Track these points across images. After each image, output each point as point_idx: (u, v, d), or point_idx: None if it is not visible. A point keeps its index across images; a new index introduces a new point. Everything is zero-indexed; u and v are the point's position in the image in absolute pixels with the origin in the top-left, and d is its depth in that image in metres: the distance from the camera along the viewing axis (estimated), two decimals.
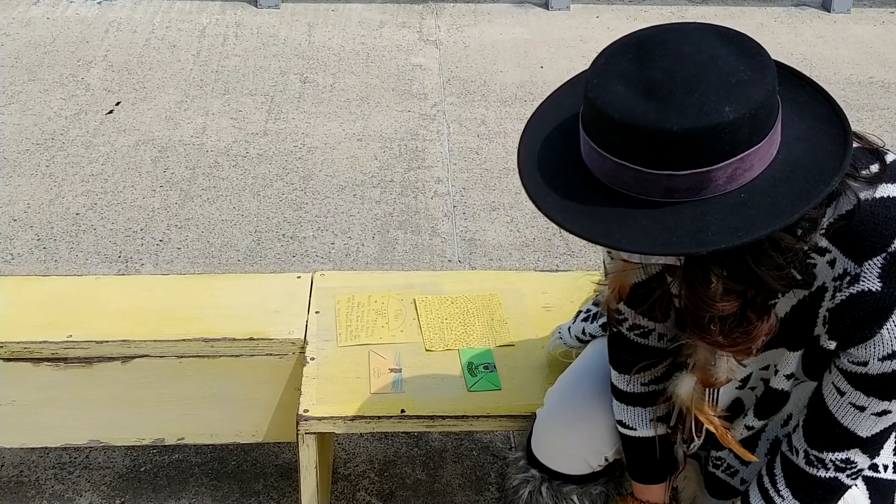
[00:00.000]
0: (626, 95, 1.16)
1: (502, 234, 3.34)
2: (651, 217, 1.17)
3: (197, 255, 3.20)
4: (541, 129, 1.34)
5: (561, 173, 1.26)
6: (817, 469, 1.42)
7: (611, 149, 1.18)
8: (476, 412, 1.88)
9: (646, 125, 1.13)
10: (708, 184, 1.16)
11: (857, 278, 1.26)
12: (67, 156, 3.75)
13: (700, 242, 1.14)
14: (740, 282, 1.24)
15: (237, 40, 4.83)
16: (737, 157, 1.15)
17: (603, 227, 1.18)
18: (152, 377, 2.05)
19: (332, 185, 3.60)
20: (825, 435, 1.40)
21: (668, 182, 1.16)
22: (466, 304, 2.16)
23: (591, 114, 1.19)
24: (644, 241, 1.16)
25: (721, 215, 1.16)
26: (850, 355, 1.31)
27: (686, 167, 1.14)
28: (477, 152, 3.86)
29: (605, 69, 1.21)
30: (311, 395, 1.90)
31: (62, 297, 2.14)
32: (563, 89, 1.38)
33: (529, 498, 1.78)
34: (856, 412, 1.36)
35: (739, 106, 1.13)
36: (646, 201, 1.18)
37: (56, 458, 2.37)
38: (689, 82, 1.14)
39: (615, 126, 1.16)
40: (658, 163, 1.15)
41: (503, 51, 4.82)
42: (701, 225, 1.15)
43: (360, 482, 2.34)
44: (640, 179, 1.17)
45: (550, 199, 1.24)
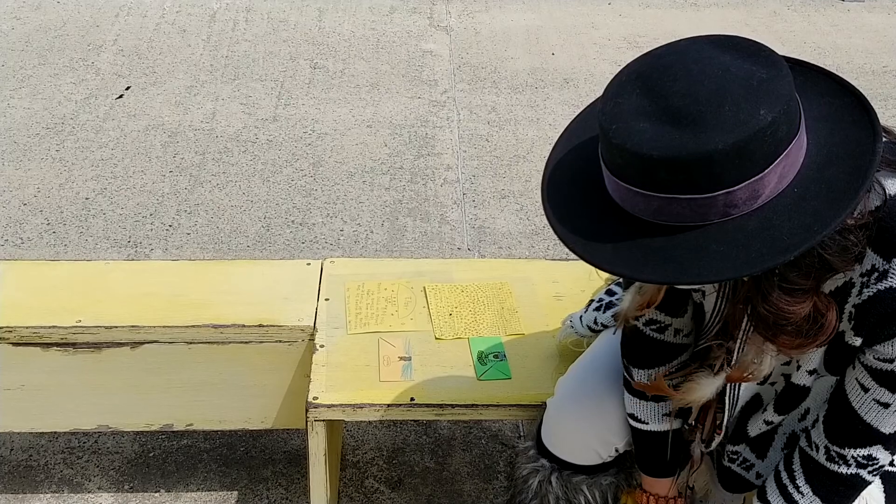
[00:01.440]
0: (656, 130, 1.13)
1: (512, 222, 3.33)
2: (718, 240, 1.14)
3: (206, 240, 3.19)
4: (559, 187, 1.30)
5: (607, 219, 1.22)
6: (838, 465, 1.41)
7: (656, 187, 1.14)
8: (485, 401, 1.87)
9: (690, 153, 1.10)
10: (763, 189, 1.14)
11: (886, 275, 1.24)
12: (77, 140, 3.75)
13: (782, 250, 1.12)
14: (811, 277, 1.22)
15: (247, 25, 4.81)
16: (782, 155, 1.13)
17: (675, 266, 1.15)
18: (161, 363, 2.05)
19: (341, 172, 3.59)
20: (847, 431, 1.39)
21: (726, 199, 1.13)
22: (476, 293, 2.15)
23: (625, 158, 1.16)
24: (725, 267, 1.13)
25: (787, 216, 1.14)
26: (876, 352, 1.30)
27: (739, 181, 1.12)
28: (487, 139, 3.85)
29: (618, 112, 1.17)
30: (321, 382, 1.90)
31: (71, 283, 2.13)
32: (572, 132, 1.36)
33: (539, 488, 1.77)
34: (879, 409, 1.35)
35: (772, 105, 1.11)
36: (702, 227, 1.15)
37: (65, 442, 2.38)
38: (714, 98, 1.12)
39: (656, 164, 1.12)
40: (711, 185, 1.12)
41: (514, 37, 4.80)
42: (772, 232, 1.13)
43: (368, 469, 2.33)
44: (696, 207, 1.14)
45: (604, 254, 1.20)
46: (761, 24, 5.05)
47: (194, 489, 2.27)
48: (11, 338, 2.00)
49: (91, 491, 2.25)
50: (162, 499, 2.24)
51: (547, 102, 4.15)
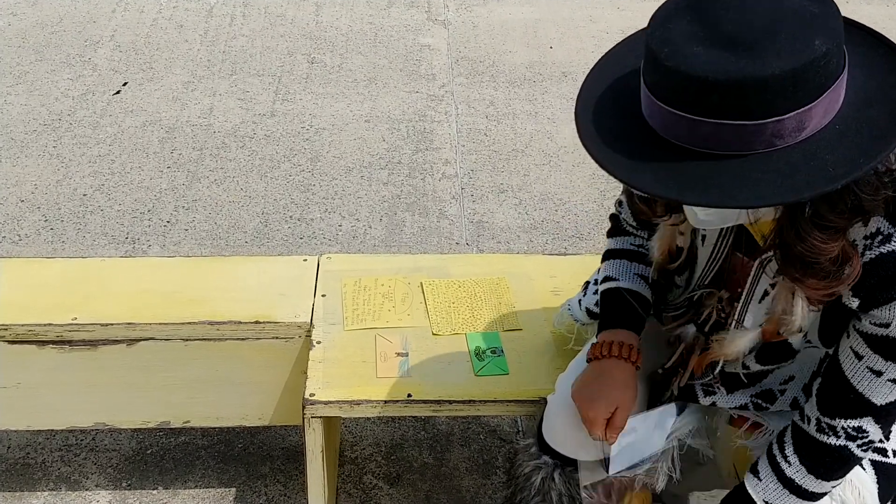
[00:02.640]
0: (710, 54, 1.14)
1: (510, 217, 3.32)
2: (762, 169, 1.16)
3: (204, 236, 3.19)
4: (594, 117, 1.32)
5: (656, 148, 1.23)
6: (828, 436, 1.42)
7: (707, 112, 1.15)
8: (483, 397, 1.87)
9: (747, 77, 1.12)
10: (808, 122, 1.16)
11: (890, 238, 1.26)
12: (74, 136, 3.74)
13: (829, 179, 1.14)
14: (842, 215, 1.23)
15: (245, 20, 4.80)
16: (830, 89, 1.16)
17: (719, 191, 1.16)
18: (158, 360, 2.04)
19: (339, 167, 3.58)
20: (839, 401, 1.39)
21: (774, 128, 1.15)
22: (474, 288, 2.14)
23: (676, 81, 1.16)
24: (771, 193, 1.15)
25: (830, 149, 1.16)
26: (872, 317, 1.31)
27: (790, 109, 1.14)
28: (485, 134, 3.83)
29: (669, 36, 1.18)
30: (318, 378, 1.89)
31: (67, 280, 2.13)
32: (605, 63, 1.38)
33: (542, 485, 1.76)
34: (872, 377, 1.35)
35: (826, 37, 1.13)
36: (746, 156, 1.17)
37: (62, 440, 2.37)
38: (770, 27, 1.14)
39: (710, 87, 1.13)
40: (762, 112, 1.14)
41: (512, 31, 4.78)
42: (817, 163, 1.15)
43: (366, 465, 2.33)
44: (743, 134, 1.15)
45: (644, 177, 1.21)
46: None
47: (192, 486, 2.26)
48: (7, 336, 1.99)
49: (89, 489, 2.25)
50: (160, 496, 2.23)
51: (545, 96, 4.14)
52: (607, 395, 1.56)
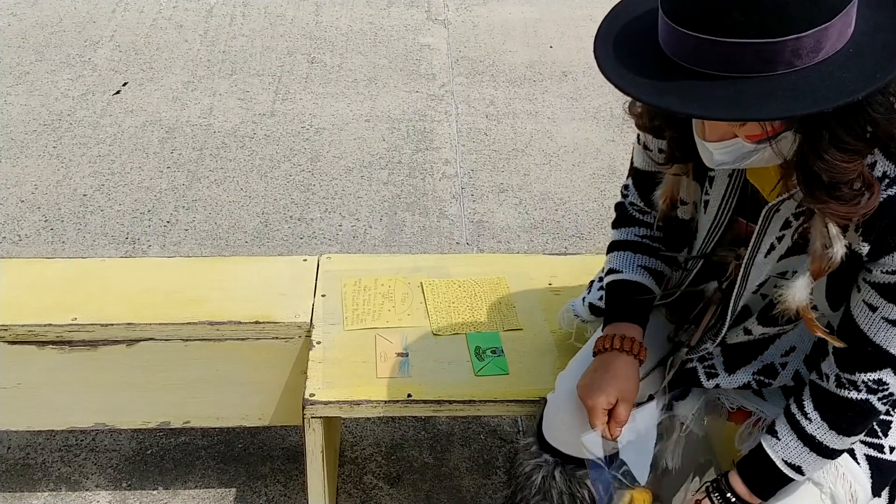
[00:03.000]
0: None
1: (511, 216, 3.32)
2: (783, 87, 1.18)
3: (204, 236, 3.18)
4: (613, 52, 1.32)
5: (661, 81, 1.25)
6: (848, 391, 1.42)
7: (727, 31, 1.17)
8: (483, 397, 1.86)
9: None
10: (825, 42, 1.18)
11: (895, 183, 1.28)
12: (75, 137, 3.74)
13: (849, 92, 1.16)
14: (858, 137, 1.24)
15: (244, 20, 4.79)
16: (844, 11, 1.18)
17: (743, 108, 1.18)
18: (158, 360, 2.04)
19: (339, 167, 3.58)
20: (857, 355, 1.40)
21: (793, 46, 1.17)
22: (474, 288, 2.14)
23: (696, 3, 1.18)
24: (794, 106, 1.17)
25: (846, 68, 1.19)
26: (882, 265, 1.33)
27: (809, 27, 1.16)
28: (486, 133, 3.83)
29: None
30: (318, 379, 1.89)
31: (67, 280, 2.12)
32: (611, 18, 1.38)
33: (542, 483, 1.76)
34: (888, 327, 1.37)
35: None
36: (766, 76, 1.19)
37: (62, 440, 2.37)
38: None
39: (732, 5, 1.15)
40: (781, 29, 1.16)
41: (512, 30, 4.78)
42: (835, 81, 1.17)
43: (367, 465, 2.33)
44: (763, 53, 1.17)
45: (671, 99, 1.23)
46: None
47: (192, 486, 2.26)
48: (7, 336, 1.99)
49: (89, 489, 2.24)
50: (160, 496, 2.23)
51: (545, 96, 4.13)
52: (609, 386, 1.57)
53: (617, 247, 1.72)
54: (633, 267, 1.68)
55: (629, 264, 1.68)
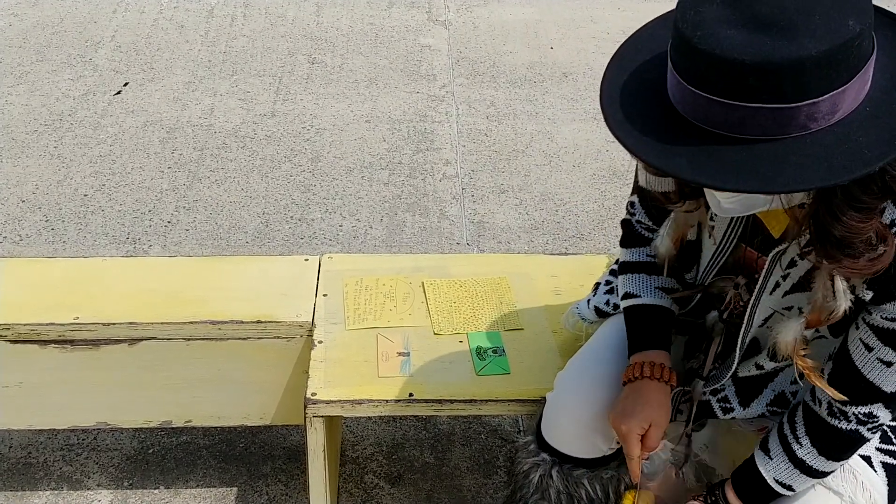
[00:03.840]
0: (745, 37, 1.13)
1: (511, 217, 3.32)
2: (797, 153, 1.15)
3: (205, 236, 3.19)
4: (621, 106, 1.29)
5: (684, 135, 1.21)
6: (839, 420, 1.43)
7: (742, 95, 1.14)
8: (485, 396, 1.87)
9: (783, 58, 1.11)
10: (842, 104, 1.15)
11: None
12: (75, 137, 3.74)
13: (865, 161, 1.14)
14: (874, 196, 1.22)
15: (245, 21, 4.80)
16: (863, 70, 1.16)
17: (756, 177, 1.15)
18: (159, 360, 2.05)
19: (340, 167, 3.58)
20: (850, 389, 1.40)
21: (809, 111, 1.14)
22: (475, 288, 2.14)
23: (711, 65, 1.15)
24: (809, 177, 1.14)
25: (863, 131, 1.16)
26: (884, 311, 1.32)
27: (825, 91, 1.14)
28: (486, 134, 3.84)
29: (701, 20, 1.17)
30: (319, 378, 1.89)
31: (69, 279, 2.13)
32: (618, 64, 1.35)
33: (540, 482, 1.77)
34: (882, 367, 1.37)
35: (860, 17, 1.13)
36: (780, 140, 1.16)
37: (64, 439, 2.37)
38: (803, 8, 1.13)
39: (747, 69, 1.12)
40: (797, 94, 1.13)
41: (513, 31, 4.79)
42: (851, 146, 1.15)
43: (368, 465, 2.33)
44: (778, 118, 1.15)
45: (680, 164, 1.19)
46: None
47: (193, 486, 2.26)
48: (9, 335, 2.00)
49: (90, 488, 2.25)
50: (161, 495, 2.24)
51: (546, 97, 4.14)
52: (641, 412, 1.57)
53: (630, 269, 1.69)
54: (650, 290, 1.65)
55: (646, 288, 1.65)
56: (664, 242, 1.60)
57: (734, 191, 1.19)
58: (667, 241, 1.59)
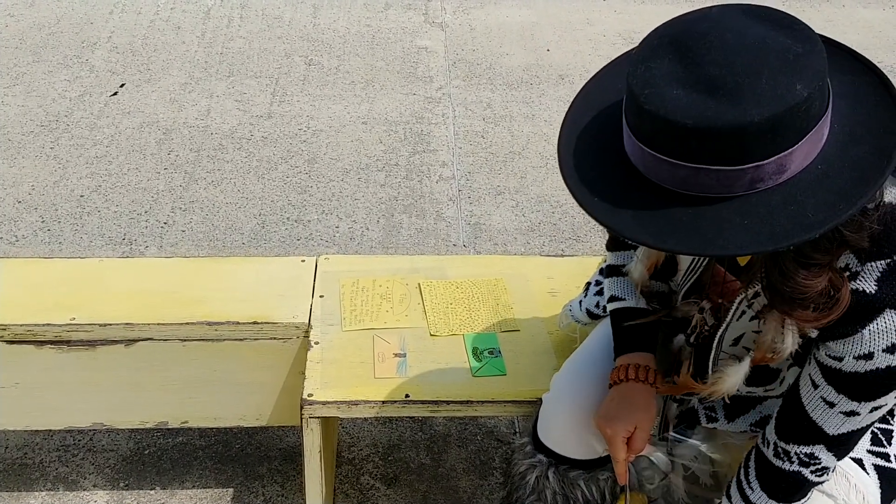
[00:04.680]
0: (690, 98, 1.11)
1: (507, 219, 3.32)
2: (742, 213, 1.14)
3: (201, 237, 3.19)
4: (577, 152, 1.28)
5: (632, 189, 1.20)
6: (783, 461, 1.43)
7: (686, 156, 1.13)
8: (481, 397, 1.87)
9: (725, 124, 1.09)
10: (789, 165, 1.13)
11: (856, 276, 1.25)
12: (72, 138, 3.74)
13: (807, 227, 1.12)
14: (826, 252, 1.21)
15: (242, 22, 4.80)
16: (812, 131, 1.13)
17: (699, 237, 1.14)
18: (156, 360, 2.05)
19: (336, 169, 3.59)
20: (794, 427, 1.40)
21: (754, 173, 1.12)
22: (472, 289, 2.15)
23: (655, 125, 1.14)
24: (750, 241, 1.12)
25: (811, 192, 1.14)
26: (829, 348, 1.31)
27: (769, 155, 1.11)
28: (482, 136, 3.84)
29: (650, 77, 1.16)
30: (316, 379, 1.90)
31: (66, 280, 2.13)
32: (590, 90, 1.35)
33: (536, 483, 1.77)
34: (825, 407, 1.36)
35: (808, 80, 1.11)
36: (727, 198, 1.15)
37: (60, 440, 2.37)
38: (752, 69, 1.10)
39: (689, 132, 1.11)
40: (741, 158, 1.11)
41: (509, 33, 4.79)
42: (797, 208, 1.13)
43: (364, 466, 2.33)
44: (723, 179, 1.13)
45: (625, 221, 1.19)
46: None
47: (189, 486, 2.26)
48: (6, 335, 1.99)
49: (86, 489, 2.25)
50: (157, 496, 2.24)
51: (542, 99, 4.15)
52: (626, 415, 1.58)
53: (615, 272, 1.69)
54: (634, 293, 1.65)
55: (631, 291, 1.66)
56: (637, 268, 1.60)
57: (672, 251, 1.20)
58: (640, 268, 1.59)
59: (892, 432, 1.54)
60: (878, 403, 1.33)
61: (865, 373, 1.29)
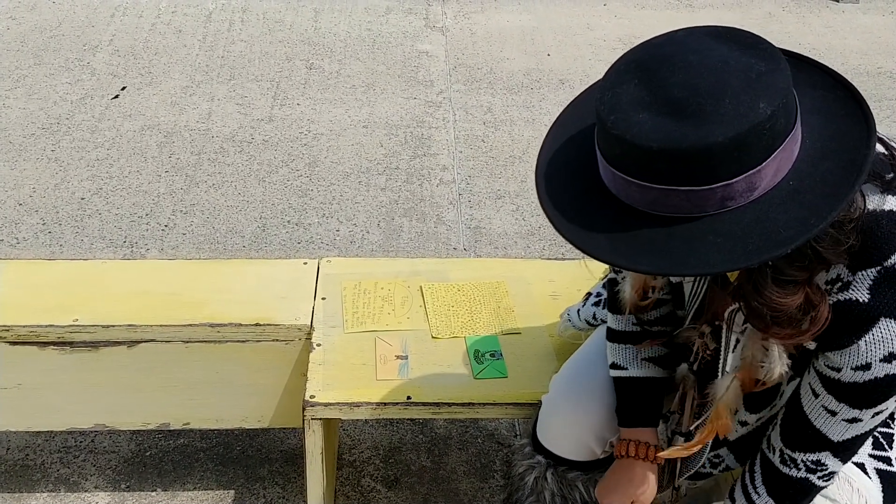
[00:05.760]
0: (655, 122, 1.13)
1: (508, 223, 3.33)
2: (715, 232, 1.14)
3: (202, 240, 3.19)
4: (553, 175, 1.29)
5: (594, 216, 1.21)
6: (790, 468, 1.43)
7: (654, 178, 1.14)
8: (482, 399, 1.88)
9: (690, 145, 1.10)
10: (760, 182, 1.14)
11: (848, 286, 1.25)
12: (73, 140, 3.74)
13: (778, 243, 1.12)
14: (804, 269, 1.22)
15: (243, 26, 4.81)
16: (779, 148, 1.14)
17: (671, 258, 1.15)
18: (158, 362, 2.05)
19: (337, 172, 3.59)
20: (799, 435, 1.41)
21: (724, 192, 1.13)
22: (473, 292, 2.15)
23: (623, 149, 1.15)
24: (722, 259, 1.13)
25: (782, 208, 1.14)
26: (827, 359, 1.32)
27: (737, 174, 1.12)
28: (483, 140, 3.85)
29: (616, 102, 1.17)
30: (318, 381, 1.90)
31: (68, 281, 2.13)
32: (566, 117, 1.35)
33: (535, 484, 1.78)
34: (827, 415, 1.36)
35: (771, 98, 1.11)
36: (698, 217, 1.15)
37: (62, 442, 2.37)
38: (714, 90, 1.11)
39: (655, 155, 1.12)
40: (709, 178, 1.12)
41: (510, 38, 4.80)
42: (768, 225, 1.13)
43: (364, 468, 2.34)
44: (693, 199, 1.14)
45: (599, 243, 1.20)
46: (756, 26, 5.06)
47: (191, 488, 2.27)
48: (8, 336, 2.00)
49: (88, 490, 2.25)
50: (158, 498, 2.24)
51: (542, 103, 4.16)
52: (625, 490, 1.63)
53: (616, 338, 1.67)
54: (636, 362, 1.65)
55: (632, 360, 1.65)
56: (625, 288, 1.58)
57: (646, 272, 1.19)
58: (628, 288, 1.57)
59: (893, 436, 1.54)
60: (879, 409, 1.33)
61: (864, 382, 1.29)
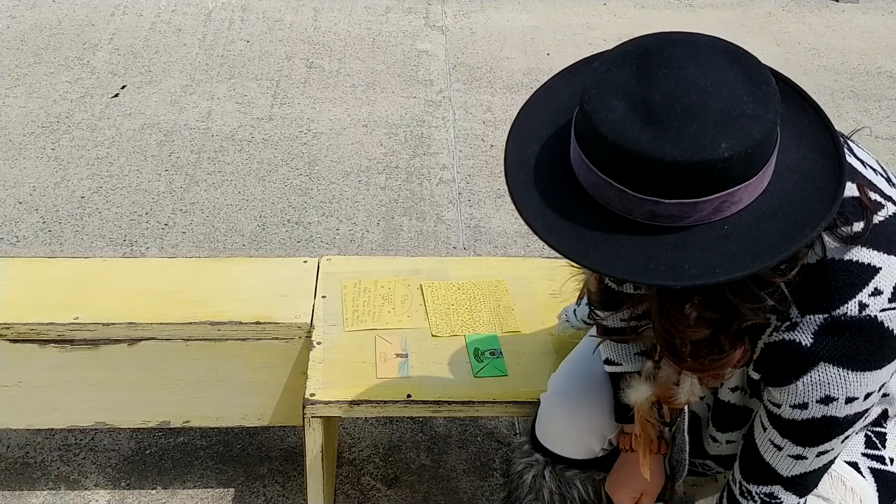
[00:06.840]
0: (623, 114, 1.11)
1: (507, 222, 3.33)
2: (632, 239, 1.13)
3: (202, 239, 3.20)
4: (533, 123, 1.27)
5: (548, 176, 1.20)
6: (747, 500, 1.44)
7: (599, 165, 1.13)
8: (482, 398, 1.88)
9: (637, 151, 1.09)
10: (693, 213, 1.12)
11: (795, 327, 1.25)
12: (73, 139, 3.75)
13: (677, 275, 1.11)
14: (714, 310, 1.21)
15: (243, 24, 4.81)
16: (726, 192, 1.11)
17: (583, 244, 1.14)
18: (158, 360, 2.05)
19: (337, 171, 3.59)
20: (752, 467, 1.42)
21: (653, 207, 1.12)
22: (473, 290, 2.16)
23: (585, 126, 1.14)
24: (622, 266, 1.12)
25: (702, 247, 1.12)
26: (769, 393, 1.32)
27: (673, 196, 1.10)
28: (483, 139, 3.85)
29: (605, 78, 1.15)
30: (318, 379, 1.91)
31: (69, 279, 2.14)
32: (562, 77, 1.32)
33: (533, 482, 1.78)
34: (774, 450, 1.37)
35: (736, 143, 1.08)
36: (628, 221, 1.14)
37: (62, 439, 2.38)
38: (690, 111, 1.09)
39: (607, 145, 1.11)
40: (645, 188, 1.11)
41: (510, 37, 4.81)
42: (681, 255, 1.12)
43: (364, 467, 2.34)
44: (625, 200, 1.13)
45: (534, 204, 1.19)
46: (756, 25, 5.07)
47: (191, 486, 2.27)
48: (9, 334, 2.00)
49: (88, 488, 2.25)
50: (158, 496, 2.24)
51: None
52: (632, 483, 1.66)
53: (608, 332, 1.65)
54: (629, 357, 1.64)
55: (625, 355, 1.64)
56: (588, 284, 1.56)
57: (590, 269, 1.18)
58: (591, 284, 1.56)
59: (885, 435, 1.54)
60: (823, 449, 1.33)
61: (802, 421, 1.29)
